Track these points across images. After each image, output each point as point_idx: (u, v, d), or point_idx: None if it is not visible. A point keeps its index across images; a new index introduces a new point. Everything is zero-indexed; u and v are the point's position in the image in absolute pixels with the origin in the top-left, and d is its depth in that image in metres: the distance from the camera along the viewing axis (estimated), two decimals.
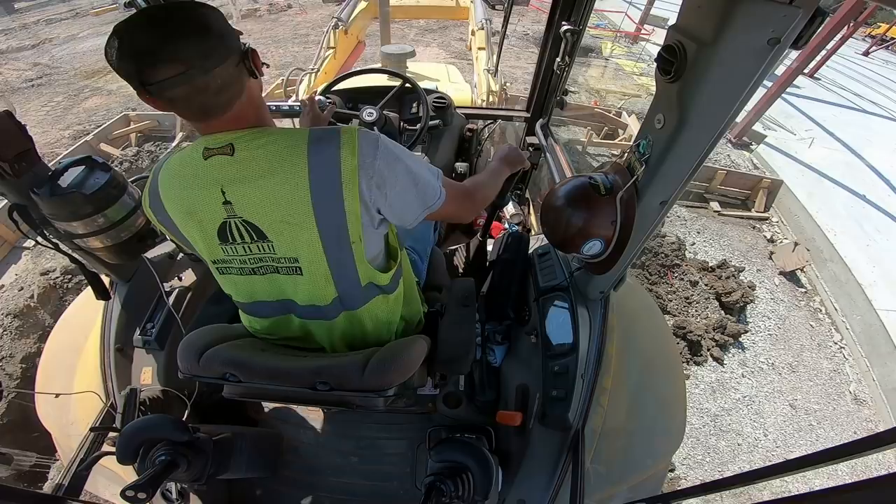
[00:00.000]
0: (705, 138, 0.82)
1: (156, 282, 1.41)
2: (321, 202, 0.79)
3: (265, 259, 0.87)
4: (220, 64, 0.72)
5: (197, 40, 0.70)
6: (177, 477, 0.95)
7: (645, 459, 1.33)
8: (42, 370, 1.51)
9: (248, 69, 0.79)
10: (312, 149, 0.78)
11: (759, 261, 4.58)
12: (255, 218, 0.81)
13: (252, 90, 0.82)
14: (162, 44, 0.68)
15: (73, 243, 1.20)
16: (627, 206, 0.98)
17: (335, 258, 0.86)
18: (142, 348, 1.36)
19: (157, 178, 0.86)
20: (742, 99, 0.73)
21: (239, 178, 0.78)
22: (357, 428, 1.56)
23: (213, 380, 0.90)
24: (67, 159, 1.19)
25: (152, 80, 0.69)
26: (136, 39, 0.68)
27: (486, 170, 1.23)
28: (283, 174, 0.77)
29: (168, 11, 0.70)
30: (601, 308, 1.35)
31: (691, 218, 5.03)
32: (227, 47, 0.74)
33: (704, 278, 4.15)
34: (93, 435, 1.15)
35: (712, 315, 3.82)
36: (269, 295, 0.93)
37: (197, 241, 0.89)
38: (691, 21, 0.71)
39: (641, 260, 4.03)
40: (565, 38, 1.73)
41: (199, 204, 0.82)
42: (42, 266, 3.75)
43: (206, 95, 0.74)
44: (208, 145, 0.79)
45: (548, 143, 2.16)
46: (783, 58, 2.74)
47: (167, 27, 0.68)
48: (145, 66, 0.68)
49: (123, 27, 0.68)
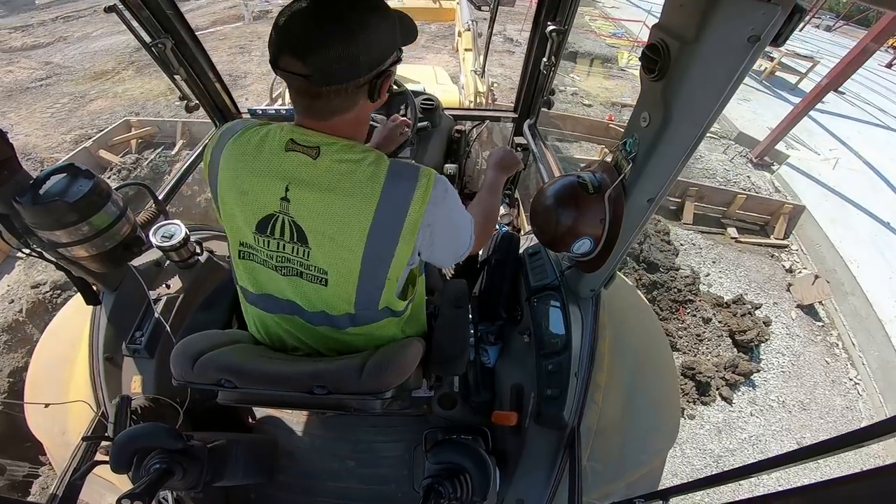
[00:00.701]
0: (690, 135, 0.83)
1: (143, 290, 1.39)
2: (376, 236, 0.80)
3: (293, 261, 0.86)
4: (341, 84, 0.75)
5: (333, 58, 0.71)
6: (172, 485, 0.94)
7: (641, 456, 1.34)
8: (30, 381, 1.47)
9: (370, 92, 0.80)
10: (389, 183, 0.78)
11: (777, 293, 4.38)
12: (306, 223, 0.81)
13: (362, 109, 0.83)
14: (306, 42, 0.71)
15: (58, 252, 1.18)
16: (616, 204, 0.99)
17: (365, 285, 0.87)
18: (131, 357, 1.33)
19: (226, 141, 0.84)
20: (725, 96, 0.74)
21: (309, 182, 0.78)
22: (353, 431, 1.55)
23: (209, 386, 0.89)
24: (50, 167, 1.17)
25: (279, 64, 0.74)
26: (294, 22, 0.72)
27: (486, 186, 1.22)
28: (353, 197, 0.78)
29: (335, 13, 0.71)
30: (592, 306, 1.36)
31: (707, 246, 4.81)
32: (358, 72, 0.75)
33: (718, 314, 3.96)
34: (85, 444, 1.13)
35: (724, 353, 3.65)
36: (282, 293, 0.93)
37: (234, 217, 0.87)
38: (674, 20, 0.72)
39: (653, 294, 3.92)
40: (551, 38, 1.74)
41: (257, 189, 0.81)
42: (33, 278, 3.72)
43: (317, 100, 0.77)
44: (296, 139, 0.79)
45: (536, 143, 2.17)
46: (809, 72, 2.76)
47: (321, 30, 0.71)
48: (282, 50, 0.73)
49: (300, 5, 0.72)
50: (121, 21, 1.46)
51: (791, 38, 0.69)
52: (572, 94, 8.09)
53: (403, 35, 0.84)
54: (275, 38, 0.74)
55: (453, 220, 0.90)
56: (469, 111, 2.72)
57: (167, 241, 1.43)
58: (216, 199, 0.88)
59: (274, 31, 0.74)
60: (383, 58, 0.79)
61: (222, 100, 2.03)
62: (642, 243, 4.23)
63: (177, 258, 1.50)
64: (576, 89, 8.28)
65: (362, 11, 0.73)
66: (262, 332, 1.03)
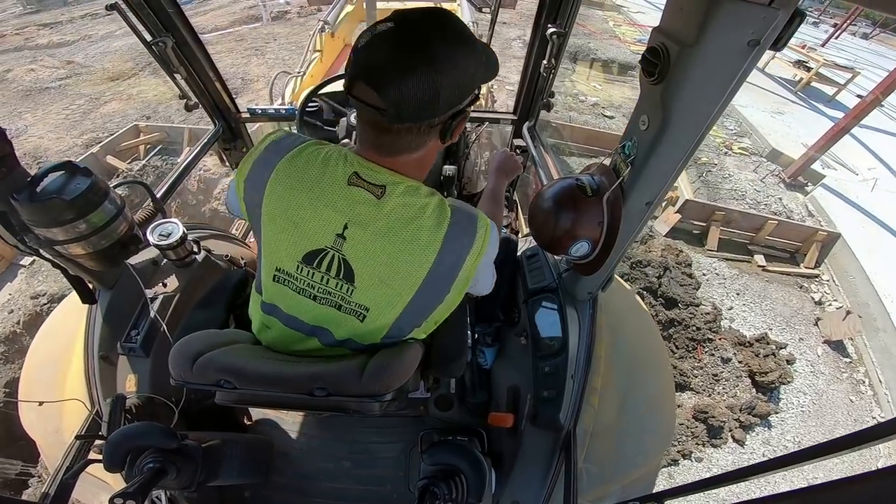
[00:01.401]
0: (689, 139, 0.83)
1: (140, 288, 1.38)
2: (429, 284, 0.79)
3: (334, 295, 0.83)
4: (414, 123, 0.71)
5: (411, 94, 0.66)
6: (166, 484, 0.94)
7: (636, 458, 1.34)
8: (25, 378, 1.47)
9: (442, 132, 0.76)
10: (450, 234, 0.76)
11: (804, 328, 4.09)
12: (357, 264, 0.78)
13: (431, 150, 0.80)
14: (385, 73, 0.65)
15: (54, 250, 1.17)
16: (614, 206, 0.99)
17: (402, 323, 0.87)
18: (126, 355, 1.33)
19: (276, 156, 0.78)
20: (724, 100, 0.74)
21: (370, 223, 0.75)
22: (349, 432, 1.54)
23: (208, 387, 0.88)
24: (47, 164, 1.16)
25: (353, 92, 0.69)
26: (375, 48, 0.66)
27: (489, 194, 1.23)
28: (413, 245, 0.76)
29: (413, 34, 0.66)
30: (590, 308, 1.36)
31: (731, 276, 4.48)
32: (435, 111, 0.71)
33: (739, 354, 3.65)
34: (78, 443, 1.13)
35: (742, 394, 3.41)
36: (312, 319, 0.90)
37: (277, 243, 0.81)
38: (674, 23, 0.72)
39: (669, 332, 3.66)
40: (551, 41, 1.74)
41: (312, 221, 0.77)
42: (34, 289, 3.69)
43: (385, 135, 0.73)
44: (361, 173, 0.75)
45: (535, 146, 2.17)
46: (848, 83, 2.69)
47: (403, 61, 0.65)
48: (358, 76, 0.68)
49: (383, 28, 0.66)
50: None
51: (827, 47, 0.68)
52: (592, 104, 7.62)
53: (487, 71, 0.78)
54: (352, 62, 0.69)
55: (495, 252, 0.88)
56: None
57: (164, 239, 1.43)
58: (256, 215, 0.82)
59: (353, 54, 0.69)
60: (463, 97, 0.74)
61: (222, 99, 2.04)
62: (661, 277, 3.94)
63: (174, 257, 1.49)
64: (597, 99, 7.78)
65: (452, 44, 0.67)
66: (268, 337, 1.00)
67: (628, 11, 13.96)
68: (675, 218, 4.76)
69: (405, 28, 0.67)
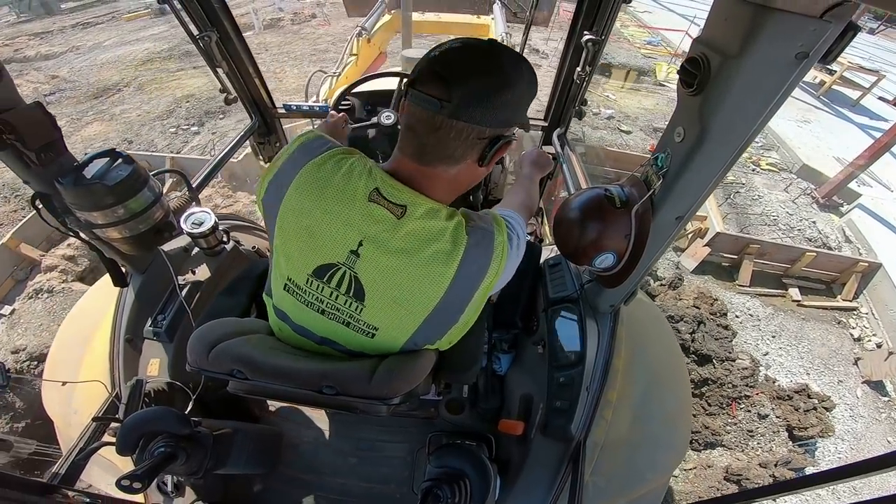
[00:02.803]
0: (726, 153, 0.80)
1: (170, 274, 1.43)
2: (445, 305, 0.78)
3: (342, 312, 0.82)
4: (468, 124, 0.72)
5: (474, 93, 0.70)
6: (174, 469, 0.96)
7: (645, 473, 1.31)
8: (51, 359, 1.53)
9: (483, 152, 0.77)
10: (467, 256, 0.75)
11: (842, 369, 3.87)
12: (369, 283, 0.77)
13: (465, 171, 0.80)
14: (458, 70, 0.70)
15: (92, 233, 1.23)
16: (642, 219, 0.96)
17: (417, 339, 0.86)
18: (151, 340, 1.37)
19: (304, 159, 0.78)
20: (766, 114, 0.71)
21: (386, 243, 0.74)
22: (358, 430, 1.55)
23: (222, 375, 0.90)
24: (92, 152, 1.22)
25: (417, 85, 0.72)
26: (454, 52, 0.72)
27: (522, 181, 1.20)
28: (428, 268, 0.75)
29: (492, 48, 0.73)
30: (610, 321, 1.32)
31: (766, 316, 4.21)
32: (488, 119, 0.73)
33: (777, 409, 3.39)
34: (94, 425, 1.15)
35: (778, 449, 3.18)
36: (321, 331, 0.89)
37: (289, 249, 0.81)
38: (717, 33, 0.70)
39: (702, 391, 3.45)
40: (587, 48, 1.71)
41: (327, 234, 0.76)
42: (14, 342, 3.31)
43: (433, 135, 0.73)
44: (382, 190, 0.74)
45: (564, 153, 2.14)
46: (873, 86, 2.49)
47: (475, 60, 0.71)
48: (429, 70, 0.71)
49: (455, 42, 0.73)
50: (172, 14, 1.53)
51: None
52: (607, 118, 7.26)
53: (526, 122, 0.85)
54: (423, 61, 0.73)
55: (519, 254, 0.86)
56: None
57: (197, 227, 1.48)
58: (273, 215, 0.81)
59: (424, 57, 0.73)
60: (510, 123, 0.78)
61: (260, 94, 2.09)
62: (695, 332, 3.65)
63: (205, 245, 1.54)
64: (612, 112, 7.42)
65: (520, 71, 0.74)
66: (284, 337, 1.00)
67: (634, 11, 13.37)
68: (704, 252, 4.43)
69: (478, 43, 0.73)
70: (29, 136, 1.02)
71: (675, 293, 4.13)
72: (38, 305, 3.58)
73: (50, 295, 3.65)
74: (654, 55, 9.94)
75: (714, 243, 4.46)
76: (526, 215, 1.03)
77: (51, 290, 3.67)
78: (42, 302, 3.61)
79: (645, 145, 6.46)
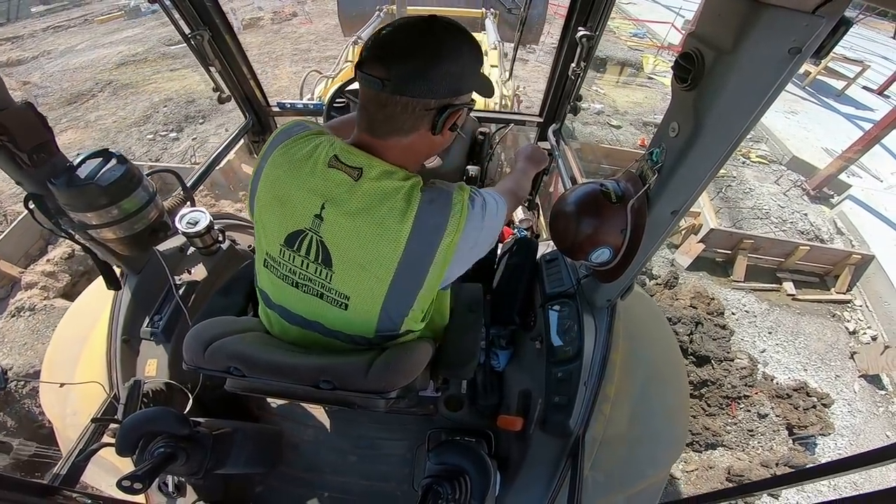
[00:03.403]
0: (720, 148, 0.80)
1: (166, 274, 1.43)
2: (407, 267, 0.80)
3: (314, 282, 0.85)
4: (411, 98, 0.75)
5: (414, 69, 0.74)
6: (174, 470, 0.96)
7: (644, 468, 1.32)
8: (48, 360, 1.52)
9: (434, 122, 0.80)
10: (421, 212, 0.78)
11: (839, 363, 3.90)
12: (334, 247, 0.81)
13: (419, 139, 0.82)
14: (395, 49, 0.74)
15: (87, 234, 1.22)
16: (638, 214, 0.97)
17: (389, 312, 0.87)
18: (148, 340, 1.37)
19: (274, 147, 0.85)
20: (760, 109, 0.72)
21: (346, 206, 0.78)
22: (357, 427, 1.55)
23: (217, 373, 0.90)
24: (85, 152, 1.21)
25: (362, 67, 0.76)
26: (391, 33, 0.76)
27: (515, 172, 1.23)
28: (384, 226, 0.77)
29: (429, 26, 0.76)
30: (607, 316, 1.33)
31: (762, 312, 4.22)
32: (431, 92, 0.76)
33: (777, 408, 3.41)
34: (94, 426, 1.15)
35: (778, 448, 3.21)
36: (301, 311, 0.92)
37: (265, 223, 0.86)
38: (710, 29, 0.70)
39: (701, 392, 3.47)
40: (581, 44, 1.72)
41: (294, 200, 0.81)
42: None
43: (382, 110, 0.77)
44: (340, 156, 0.79)
45: (560, 149, 2.14)
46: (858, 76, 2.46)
47: (412, 42, 0.75)
48: (370, 53, 0.76)
49: (400, 21, 0.77)
50: (163, 13, 1.51)
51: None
52: (597, 112, 7.16)
53: (482, 87, 0.86)
54: (367, 44, 0.77)
55: (494, 227, 0.88)
56: (494, 114, 2.71)
57: (192, 227, 1.47)
58: (252, 197, 0.88)
59: (369, 39, 0.77)
60: (458, 92, 0.80)
61: (253, 92, 2.08)
62: (693, 333, 3.66)
63: (200, 245, 1.53)
64: (601, 107, 7.32)
65: (458, 39, 0.77)
66: (278, 331, 1.03)
67: (620, 3, 13.16)
68: (698, 248, 4.45)
69: (420, 21, 0.76)
70: (21, 136, 1.01)
71: (672, 293, 4.14)
72: (20, 324, 3.46)
73: (32, 313, 3.53)
74: (641, 48, 9.80)
75: (708, 239, 4.47)
76: (510, 200, 1.04)
77: (33, 307, 3.54)
78: (24, 321, 3.47)
79: (635, 140, 6.43)
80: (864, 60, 8.99)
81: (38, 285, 3.71)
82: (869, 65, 8.77)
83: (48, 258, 3.92)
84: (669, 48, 9.58)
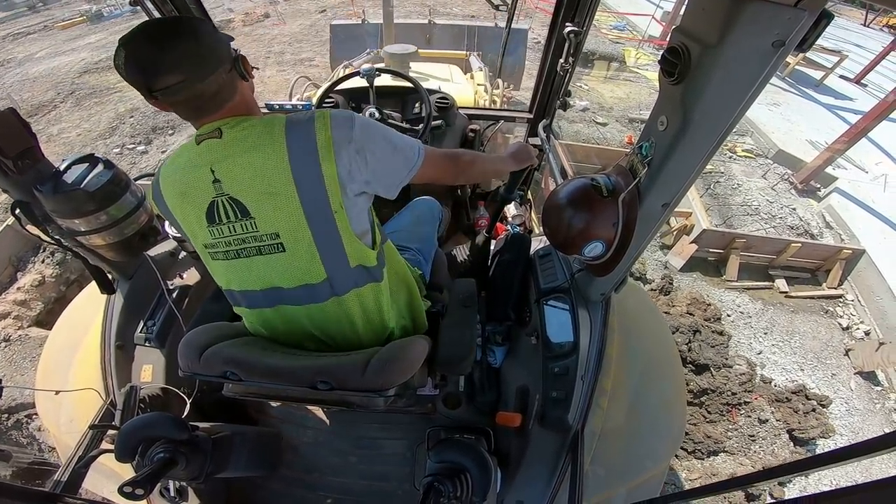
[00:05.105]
0: (708, 140, 0.82)
1: (157, 279, 1.41)
2: (300, 171, 0.83)
3: (248, 239, 0.89)
4: (214, 72, 0.82)
5: (191, 52, 0.79)
6: (175, 475, 0.95)
7: (644, 461, 1.33)
8: (42, 368, 1.50)
9: (240, 73, 0.89)
10: (290, 127, 0.85)
11: (835, 361, 3.89)
12: (241, 193, 0.85)
13: (244, 91, 0.91)
14: (161, 56, 0.77)
15: (76, 240, 1.20)
16: (629, 207, 0.98)
17: (319, 230, 0.87)
18: (143, 346, 1.36)
19: (160, 171, 0.94)
20: (746, 101, 0.73)
21: (226, 155, 0.85)
22: (357, 428, 1.55)
23: (214, 378, 0.90)
24: (71, 157, 1.19)
25: (156, 88, 0.79)
26: (139, 53, 0.78)
27: (490, 155, 1.25)
28: (265, 149, 0.83)
29: (163, 25, 0.81)
30: (602, 310, 1.34)
31: (756, 312, 4.21)
32: (218, 57, 0.83)
33: (777, 412, 3.39)
34: (92, 432, 1.15)
35: (780, 452, 3.21)
36: (257, 283, 0.94)
37: (191, 223, 0.92)
38: (695, 23, 0.71)
39: (701, 400, 3.43)
40: (569, 40, 1.72)
41: (191, 183, 0.88)
42: None
43: (203, 99, 0.84)
44: (200, 133, 0.88)
45: (550, 144, 2.15)
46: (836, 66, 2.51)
47: (163, 41, 0.78)
48: (149, 76, 0.78)
49: (127, 40, 0.78)
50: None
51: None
52: (582, 109, 7.02)
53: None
54: (137, 74, 0.78)
55: (378, 134, 0.91)
56: (484, 111, 2.71)
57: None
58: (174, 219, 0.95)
59: (131, 72, 0.78)
60: (221, 54, 0.85)
61: None
62: (691, 342, 3.65)
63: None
64: (586, 104, 7.15)
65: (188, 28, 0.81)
66: (261, 326, 1.03)
67: None
68: (691, 249, 4.43)
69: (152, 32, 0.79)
70: (5, 142, 1.00)
71: (668, 300, 4.14)
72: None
73: (7, 343, 3.35)
74: (622, 41, 9.65)
75: (701, 240, 4.47)
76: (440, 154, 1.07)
77: (7, 338, 3.36)
78: (1, 352, 3.32)
79: (622, 137, 6.37)
80: (841, 50, 9.02)
81: (10, 315, 3.54)
82: (847, 54, 8.79)
83: (18, 286, 3.73)
84: (650, 41, 9.51)
